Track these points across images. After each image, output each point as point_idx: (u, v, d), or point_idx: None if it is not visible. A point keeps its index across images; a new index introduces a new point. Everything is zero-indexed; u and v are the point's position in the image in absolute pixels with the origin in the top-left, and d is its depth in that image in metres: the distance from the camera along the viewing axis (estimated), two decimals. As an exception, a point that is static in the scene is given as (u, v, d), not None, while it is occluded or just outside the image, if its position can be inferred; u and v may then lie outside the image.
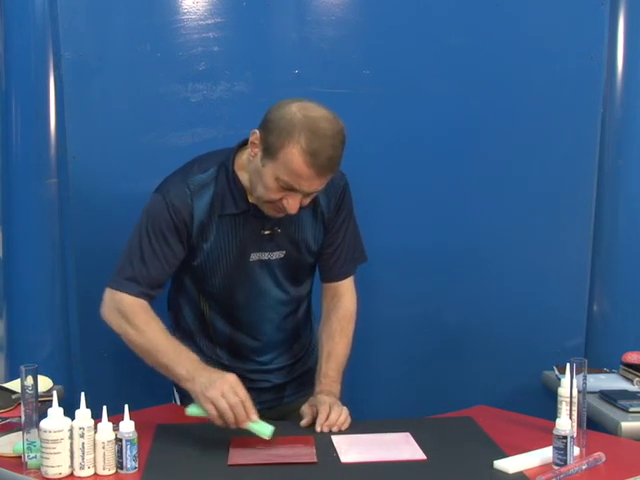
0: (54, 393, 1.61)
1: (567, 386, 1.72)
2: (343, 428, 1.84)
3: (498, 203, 2.61)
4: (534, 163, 2.60)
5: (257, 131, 1.80)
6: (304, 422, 1.88)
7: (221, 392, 1.70)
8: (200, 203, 1.88)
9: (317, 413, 1.87)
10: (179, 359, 1.79)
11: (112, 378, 2.53)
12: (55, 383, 2.20)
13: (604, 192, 2.61)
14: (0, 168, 2.49)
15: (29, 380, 1.56)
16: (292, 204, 1.79)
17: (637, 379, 2.31)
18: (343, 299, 2.08)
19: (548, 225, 2.62)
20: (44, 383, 2.10)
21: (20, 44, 2.46)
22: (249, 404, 1.72)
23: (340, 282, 2.08)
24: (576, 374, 1.66)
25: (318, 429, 1.83)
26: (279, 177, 1.75)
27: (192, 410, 1.75)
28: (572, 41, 2.56)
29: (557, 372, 2.43)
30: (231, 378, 1.74)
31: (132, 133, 2.50)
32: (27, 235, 2.48)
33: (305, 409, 1.91)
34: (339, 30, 2.53)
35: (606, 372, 2.43)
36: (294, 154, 1.71)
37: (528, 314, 2.64)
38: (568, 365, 1.69)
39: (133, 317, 1.85)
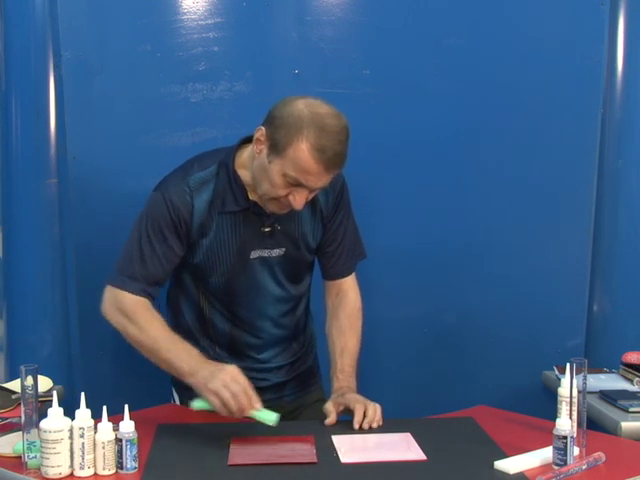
0: (54, 393, 1.60)
1: (567, 386, 1.72)
2: (380, 424, 1.86)
3: (498, 203, 2.61)
4: (534, 163, 2.60)
5: (262, 128, 1.80)
6: (329, 420, 1.88)
7: (223, 382, 1.71)
8: (200, 200, 1.89)
9: (344, 411, 1.89)
10: (181, 355, 1.80)
11: (112, 378, 2.53)
12: (55, 383, 2.20)
13: (604, 192, 2.61)
14: (0, 168, 2.49)
15: (29, 380, 1.56)
16: (299, 200, 1.81)
17: (637, 379, 2.30)
18: (348, 295, 2.11)
19: (548, 225, 2.61)
20: (44, 383, 2.10)
21: (20, 44, 2.46)
22: (251, 392, 1.73)
23: (343, 279, 2.11)
24: (576, 374, 1.66)
25: (357, 427, 1.84)
26: (286, 173, 1.77)
27: (197, 404, 1.76)
28: (572, 41, 2.56)
29: (557, 372, 2.43)
30: (231, 369, 1.75)
31: (132, 133, 2.49)
32: (27, 235, 2.48)
33: (330, 407, 1.91)
34: (339, 30, 2.53)
35: (606, 372, 2.43)
36: (303, 150, 1.73)
37: (528, 314, 2.63)
38: (568, 365, 1.69)
39: (134, 315, 1.86)
